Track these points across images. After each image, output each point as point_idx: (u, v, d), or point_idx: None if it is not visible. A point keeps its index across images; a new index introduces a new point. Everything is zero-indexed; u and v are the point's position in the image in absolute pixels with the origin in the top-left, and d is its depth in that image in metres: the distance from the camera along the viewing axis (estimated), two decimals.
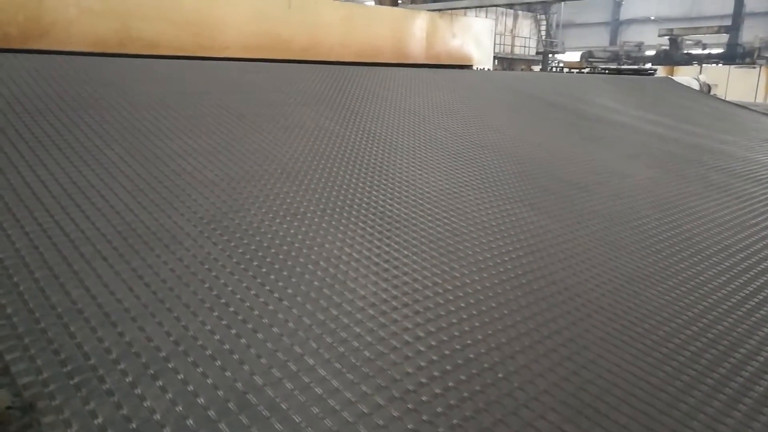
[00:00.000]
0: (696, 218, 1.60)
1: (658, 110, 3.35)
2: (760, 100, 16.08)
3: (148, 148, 1.51)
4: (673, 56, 20.07)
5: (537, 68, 19.55)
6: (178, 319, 0.88)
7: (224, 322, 0.89)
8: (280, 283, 1.01)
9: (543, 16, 22.49)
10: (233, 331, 0.87)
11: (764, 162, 2.33)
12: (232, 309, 0.92)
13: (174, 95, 1.92)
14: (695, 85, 10.64)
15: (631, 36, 27.73)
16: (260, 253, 1.10)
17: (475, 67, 5.05)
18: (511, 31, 20.64)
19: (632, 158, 2.07)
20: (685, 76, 14.71)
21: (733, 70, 17.72)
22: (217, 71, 2.37)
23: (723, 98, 5.03)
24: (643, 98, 3.76)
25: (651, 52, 21.87)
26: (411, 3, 10.34)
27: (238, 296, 0.96)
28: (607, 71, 14.24)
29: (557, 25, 27.11)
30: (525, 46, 21.10)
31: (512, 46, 20.66)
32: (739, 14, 21.53)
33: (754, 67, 17.59)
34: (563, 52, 24.12)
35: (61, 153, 1.40)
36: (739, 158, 2.30)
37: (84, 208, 1.17)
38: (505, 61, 19.40)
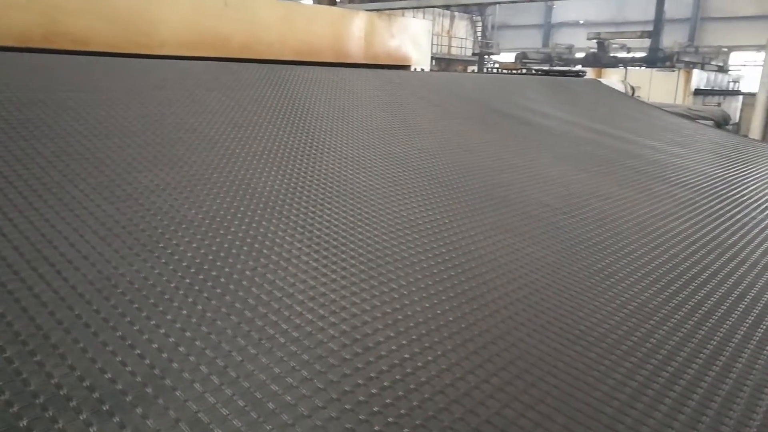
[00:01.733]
0: (613, 219, 1.71)
1: (590, 114, 3.51)
2: (679, 101, 17.06)
3: (115, 183, 1.33)
4: (601, 59, 20.98)
5: (473, 69, 19.97)
6: (185, 401, 0.75)
7: (241, 403, 0.75)
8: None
9: (479, 18, 23.00)
10: (253, 415, 0.74)
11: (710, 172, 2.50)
12: (247, 386, 0.79)
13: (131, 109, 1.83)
14: (621, 88, 11.18)
15: (562, 39, 28.76)
16: (263, 310, 0.96)
17: (413, 68, 5.13)
18: (448, 32, 20.99)
19: (564, 158, 2.19)
20: (612, 78, 15.43)
21: (655, 73, 18.73)
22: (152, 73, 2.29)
23: (645, 100, 5.36)
24: (576, 101, 3.93)
25: (581, 55, 22.76)
26: (349, 2, 10.35)
27: (252, 369, 0.83)
28: (541, 72, 14.72)
29: (492, 27, 27.80)
30: (461, 47, 21.49)
31: (449, 46, 21.01)
32: (659, 20, 22.83)
33: (674, 71, 18.64)
34: (498, 53, 24.74)
35: (15, 190, 1.21)
36: (689, 168, 2.46)
37: (53, 260, 1.00)
38: (443, 62, 19.71)
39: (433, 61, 16.38)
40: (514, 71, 16.40)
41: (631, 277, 1.29)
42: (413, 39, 5.17)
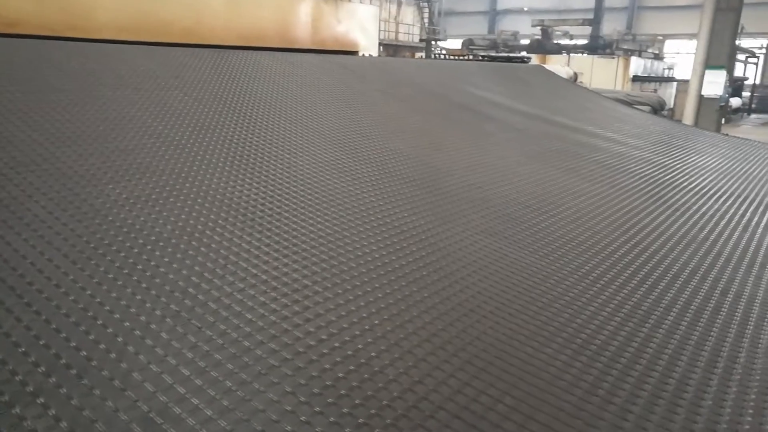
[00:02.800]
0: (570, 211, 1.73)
1: (548, 105, 3.57)
2: (618, 87, 17.64)
3: (79, 197, 1.19)
4: (545, 46, 21.42)
5: (420, 55, 20.02)
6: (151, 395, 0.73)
7: (195, 401, 0.74)
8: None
9: (425, 4, 23.02)
10: (208, 413, 0.73)
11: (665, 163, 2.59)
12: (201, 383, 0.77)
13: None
14: (565, 74, 11.47)
15: (507, 25, 29.19)
16: (273, 362, 0.85)
17: (361, 53, 5.11)
18: (395, 18, 20.91)
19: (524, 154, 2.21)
20: (556, 64, 15.81)
21: (596, 59, 19.28)
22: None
23: (587, 85, 5.54)
24: (531, 91, 3.99)
25: (525, 41, 23.16)
26: None
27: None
28: (487, 58, 14.90)
29: (439, 14, 27.87)
30: (409, 33, 21.49)
31: (396, 32, 20.97)
32: (600, 8, 23.52)
33: (613, 58, 19.25)
34: (445, 40, 24.88)
35: None
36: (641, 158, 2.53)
37: (21, 291, 0.87)
38: (390, 48, 19.65)
39: (381, 47, 16.32)
40: (462, 57, 16.53)
41: (617, 279, 1.29)
42: (361, 25, 5.13)
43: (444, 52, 20.70)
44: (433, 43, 22.36)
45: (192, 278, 1.00)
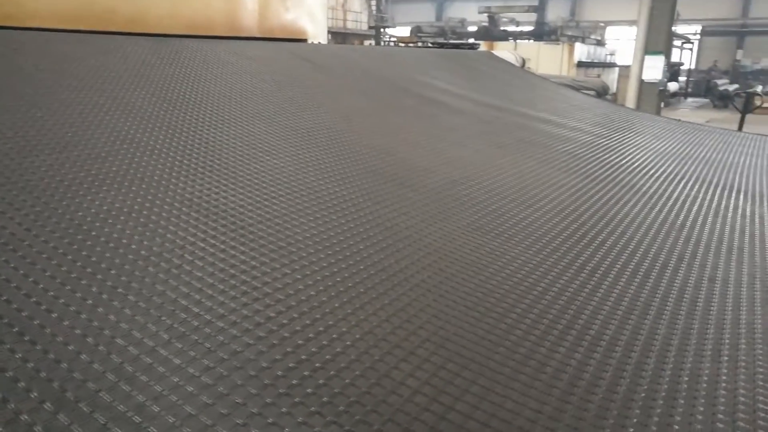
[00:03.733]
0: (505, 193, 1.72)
1: (509, 95, 3.58)
2: (564, 72, 18.07)
3: (57, 212, 1.07)
4: (492, 32, 21.69)
5: (369, 43, 19.91)
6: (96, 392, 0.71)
7: (141, 398, 0.71)
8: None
9: None
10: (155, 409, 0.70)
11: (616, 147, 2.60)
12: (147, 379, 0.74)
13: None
14: (514, 60, 11.62)
15: (454, 13, 29.38)
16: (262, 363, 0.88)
17: (310, 41, 4.99)
18: (343, 5, 20.71)
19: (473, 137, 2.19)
20: (504, 51, 16.01)
21: (542, 46, 19.68)
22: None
23: (535, 71, 5.60)
24: (489, 80, 3.99)
25: (473, 28, 23.40)
26: None
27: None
28: (438, 45, 14.92)
29: (387, 1, 27.78)
30: (357, 21, 21.33)
31: (344, 20, 20.78)
32: None
33: (558, 44, 19.69)
34: (394, 27, 24.84)
35: None
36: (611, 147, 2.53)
37: (10, 319, 0.80)
38: (339, 36, 19.46)
39: (329, 35, 16.11)
40: (412, 45, 16.53)
41: (612, 269, 1.27)
42: (309, 12, 5.01)
43: (393, 39, 20.65)
44: (381, 30, 22.27)
45: (192, 295, 0.93)
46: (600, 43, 22.98)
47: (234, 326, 0.87)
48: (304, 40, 4.89)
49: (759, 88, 18.82)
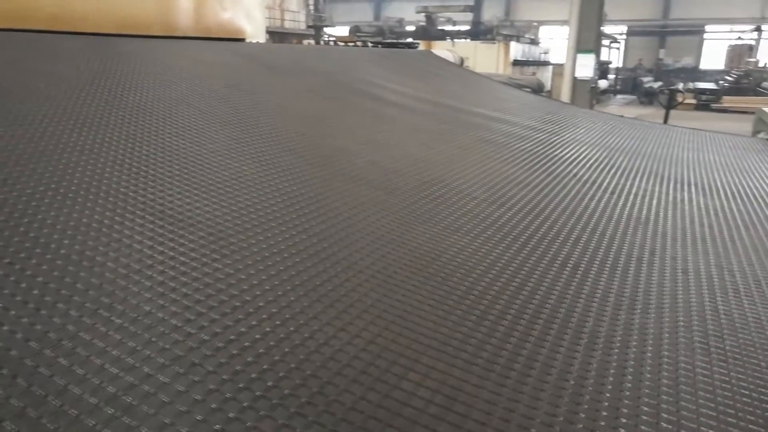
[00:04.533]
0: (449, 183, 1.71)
1: (460, 95, 3.59)
2: (501, 71, 18.50)
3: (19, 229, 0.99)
4: (429, 32, 21.94)
5: (308, 42, 19.70)
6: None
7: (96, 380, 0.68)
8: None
9: None
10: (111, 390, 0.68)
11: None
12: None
13: None
14: (452, 58, 11.77)
15: (392, 12, 29.54)
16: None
17: (248, 41, 4.86)
18: (280, 4, 20.40)
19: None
20: (443, 50, 16.22)
21: (479, 45, 20.07)
22: None
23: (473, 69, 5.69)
24: (439, 81, 3.99)
25: (411, 28, 23.59)
26: None
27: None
28: (379, 45, 14.95)
29: (324, 0, 27.60)
30: (294, 21, 21.07)
31: (282, 20, 20.47)
32: None
33: (494, 43, 20.13)
34: (333, 26, 24.70)
35: None
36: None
37: None
38: (276, 35, 19.15)
39: (267, 35, 15.80)
40: (352, 44, 16.47)
41: (592, 266, 1.26)
42: (246, 11, 4.88)
43: (333, 39, 20.52)
44: (321, 30, 22.09)
45: (171, 321, 0.85)
46: (534, 42, 23.67)
47: (202, 329, 0.80)
48: (242, 40, 4.76)
49: (680, 86, 19.93)
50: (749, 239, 1.55)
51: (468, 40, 21.33)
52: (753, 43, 28.51)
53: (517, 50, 20.08)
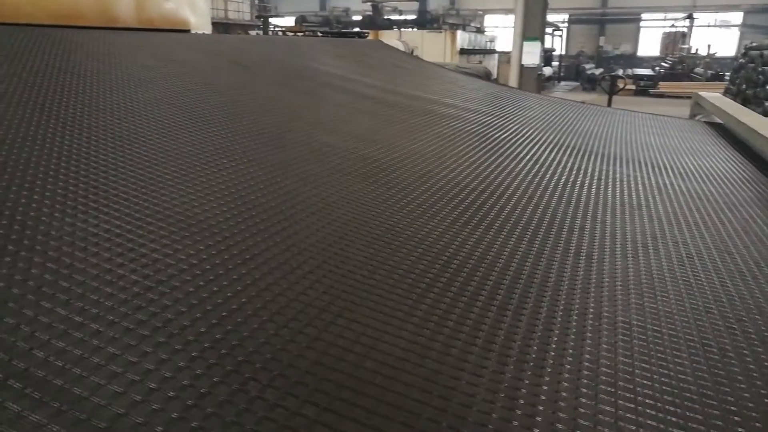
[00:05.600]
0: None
1: (425, 85, 3.58)
2: (448, 59, 18.66)
3: None
4: (376, 21, 21.89)
5: (254, 33, 19.33)
6: None
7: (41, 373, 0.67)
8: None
9: None
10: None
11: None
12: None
13: None
14: (403, 48, 11.77)
15: (338, 2, 29.31)
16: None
17: (193, 32, 4.74)
18: None
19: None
20: (393, 39, 16.21)
21: (426, 34, 20.16)
22: None
23: (422, 58, 5.71)
24: (400, 72, 3.98)
25: (358, 18, 23.47)
26: None
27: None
28: (329, 35, 14.80)
29: None
30: (239, 11, 20.64)
31: (226, 10, 20.02)
32: None
33: (441, 32, 20.27)
34: (282, 17, 24.33)
35: None
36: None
37: None
38: (221, 26, 18.70)
39: (212, 26, 15.38)
40: (300, 34, 16.26)
41: (570, 246, 1.28)
42: (190, 2, 4.75)
43: (280, 29, 20.21)
44: (267, 20, 21.71)
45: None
46: (480, 30, 23.98)
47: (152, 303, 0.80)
48: (187, 31, 4.62)
49: (620, 72, 20.63)
50: (689, 211, 1.63)
51: (415, 30, 21.38)
52: (685, 30, 29.75)
53: (463, 39, 20.28)
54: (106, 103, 1.67)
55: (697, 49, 25.90)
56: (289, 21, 23.61)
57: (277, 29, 20.32)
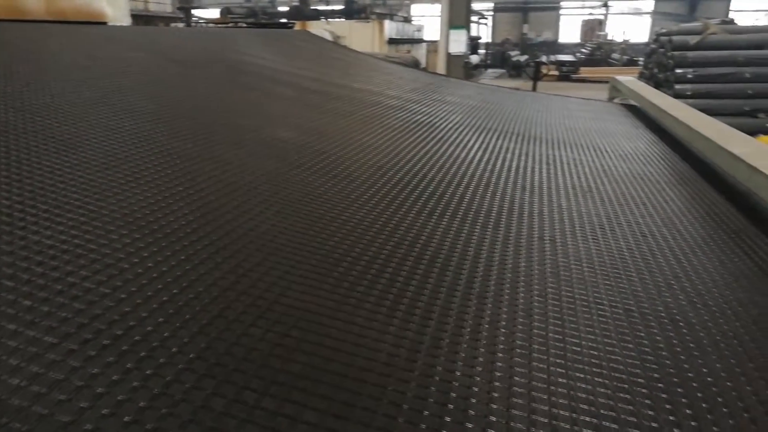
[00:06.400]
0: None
1: (371, 77, 3.53)
2: (376, 49, 18.66)
3: None
4: (303, 12, 21.59)
5: (176, 25, 18.56)
6: None
7: None
8: None
9: None
10: None
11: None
12: None
13: None
14: (329, 37, 11.66)
15: None
16: None
17: (111, 24, 4.51)
18: None
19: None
20: (321, 29, 16.02)
21: (354, 24, 20.07)
22: None
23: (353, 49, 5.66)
24: (341, 64, 3.90)
25: (284, 8, 23.04)
26: None
27: None
28: (257, 26, 14.40)
29: None
30: (160, 2, 19.79)
31: (146, 2, 19.14)
32: None
33: (368, 22, 20.24)
34: (203, 8, 23.51)
35: None
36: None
37: None
38: (141, 19, 17.86)
39: (131, 18, 14.65)
40: (226, 26, 15.76)
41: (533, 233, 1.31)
42: None
43: (204, 21, 19.54)
44: (191, 12, 20.92)
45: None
46: (407, 20, 24.10)
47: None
48: (104, 23, 4.39)
49: (544, 58, 21.34)
50: (611, 186, 1.71)
51: (342, 20, 21.23)
52: (602, 17, 31.14)
53: (391, 28, 20.32)
54: (40, 106, 1.55)
55: (613, 36, 27.17)
56: (213, 12, 22.86)
57: (201, 21, 19.61)
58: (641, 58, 14.79)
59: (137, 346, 0.72)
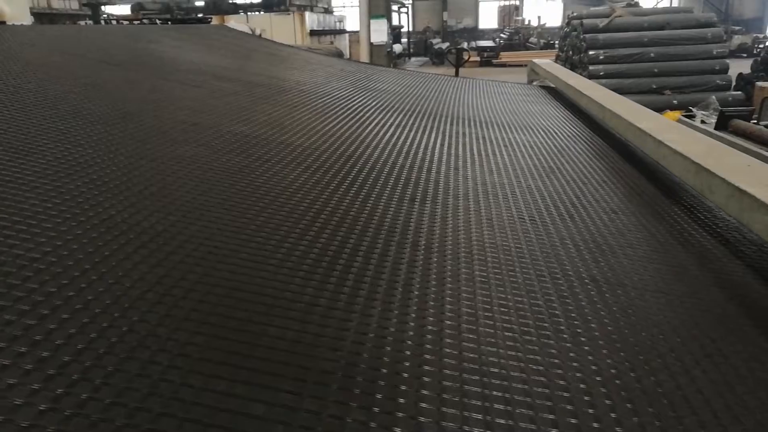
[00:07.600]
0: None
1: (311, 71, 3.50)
2: (299, 42, 18.44)
3: None
4: (220, 6, 20.98)
5: (85, 23, 17.59)
6: None
7: None
8: None
9: None
10: None
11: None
12: None
13: None
14: (248, 31, 11.43)
15: None
16: None
17: (9, 24, 4.26)
18: None
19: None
20: (240, 23, 15.64)
21: (273, 17, 19.72)
22: None
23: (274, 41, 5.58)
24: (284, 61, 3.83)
25: (201, 3, 22.33)
26: None
27: None
28: (169, 22, 13.90)
29: None
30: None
31: None
32: None
33: (289, 14, 19.94)
34: (113, 4, 22.36)
35: None
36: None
37: None
38: (45, 17, 16.79)
39: (32, 17, 13.68)
40: (136, 23, 15.11)
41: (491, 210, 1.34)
42: None
43: (114, 18, 18.60)
44: (99, 8, 19.84)
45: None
46: (328, 11, 23.93)
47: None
48: (3, 23, 4.14)
49: (465, 45, 21.81)
50: (536, 160, 1.83)
51: (262, 13, 20.80)
52: (518, 3, 32.11)
53: (312, 20, 20.11)
54: None
55: (529, 21, 28.09)
56: (123, 9, 21.82)
57: (111, 18, 18.68)
58: (557, 42, 15.42)
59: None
